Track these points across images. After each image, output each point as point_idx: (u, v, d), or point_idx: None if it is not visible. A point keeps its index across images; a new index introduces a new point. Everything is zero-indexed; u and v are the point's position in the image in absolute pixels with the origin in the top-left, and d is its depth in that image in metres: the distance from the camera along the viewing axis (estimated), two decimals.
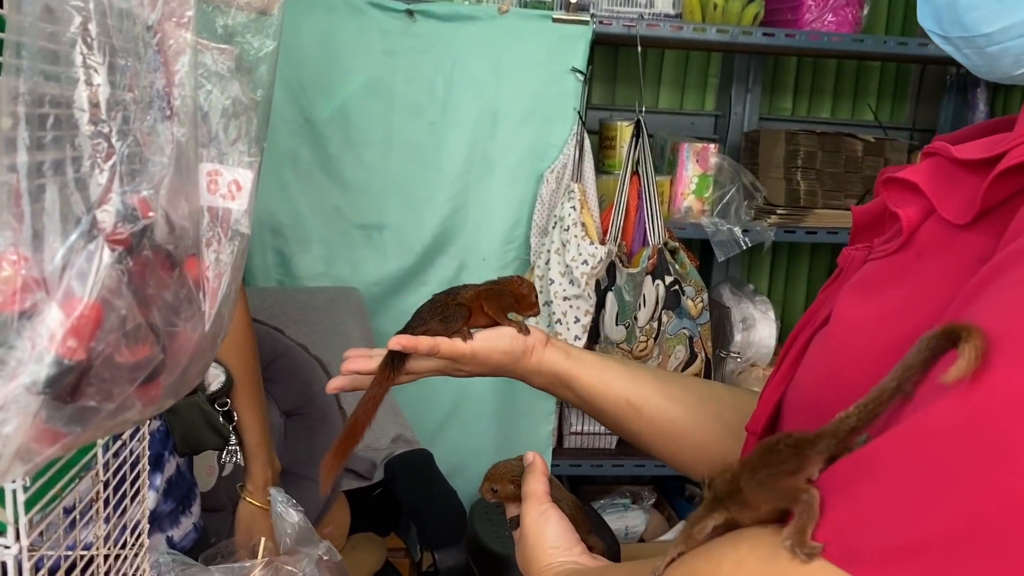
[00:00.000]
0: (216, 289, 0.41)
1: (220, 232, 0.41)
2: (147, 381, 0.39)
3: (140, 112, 0.37)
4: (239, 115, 0.43)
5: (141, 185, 0.36)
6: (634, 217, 2.28)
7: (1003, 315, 0.42)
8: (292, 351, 1.90)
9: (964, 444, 0.39)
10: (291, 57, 2.07)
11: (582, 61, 2.20)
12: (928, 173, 0.57)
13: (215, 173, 0.42)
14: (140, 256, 0.38)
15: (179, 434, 1.24)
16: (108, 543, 0.60)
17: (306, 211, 2.17)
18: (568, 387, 0.90)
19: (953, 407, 0.41)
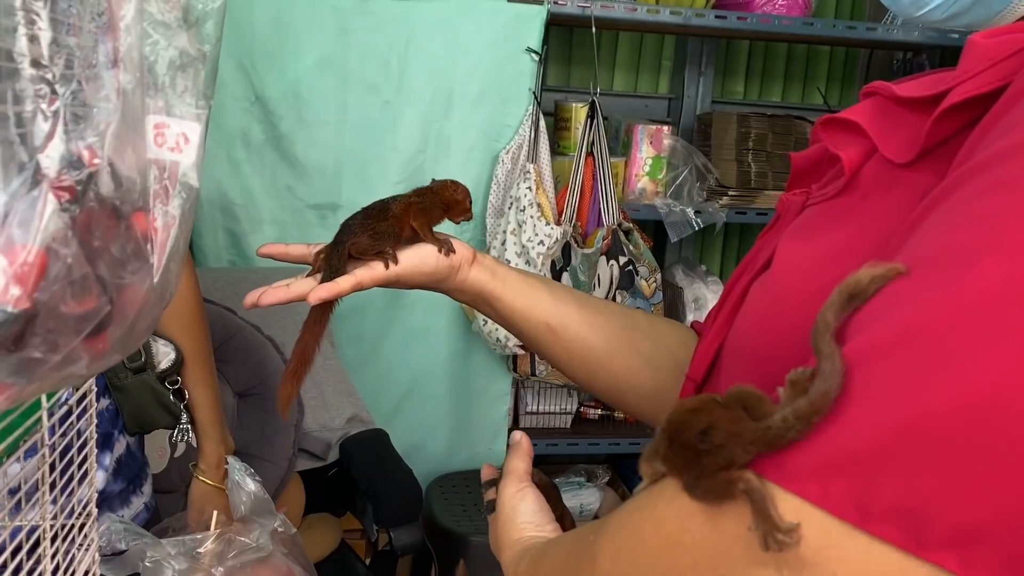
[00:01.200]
0: (164, 242, 0.41)
1: (168, 185, 0.41)
2: (94, 333, 0.38)
3: (84, 58, 0.36)
4: (186, 67, 0.42)
5: (86, 132, 0.36)
6: (589, 198, 2.30)
7: (958, 228, 0.41)
8: (245, 331, 1.88)
9: (909, 357, 0.39)
10: (242, 34, 2.04)
11: (537, 41, 2.20)
12: (869, 113, 0.57)
13: (162, 125, 0.41)
14: (86, 206, 0.38)
15: (129, 413, 1.22)
16: (54, 512, 0.59)
17: (258, 190, 2.14)
18: (490, 306, 0.89)
19: (895, 326, 0.40)
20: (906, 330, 0.40)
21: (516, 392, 2.46)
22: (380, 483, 1.77)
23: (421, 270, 0.86)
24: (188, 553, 0.84)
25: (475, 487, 2.31)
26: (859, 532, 0.39)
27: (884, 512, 0.38)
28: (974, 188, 0.42)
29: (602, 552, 0.52)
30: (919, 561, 0.38)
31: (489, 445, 2.40)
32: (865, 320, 0.42)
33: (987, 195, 0.41)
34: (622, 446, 2.45)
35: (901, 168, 0.53)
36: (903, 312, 0.40)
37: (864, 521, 0.39)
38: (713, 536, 0.44)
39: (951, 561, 0.37)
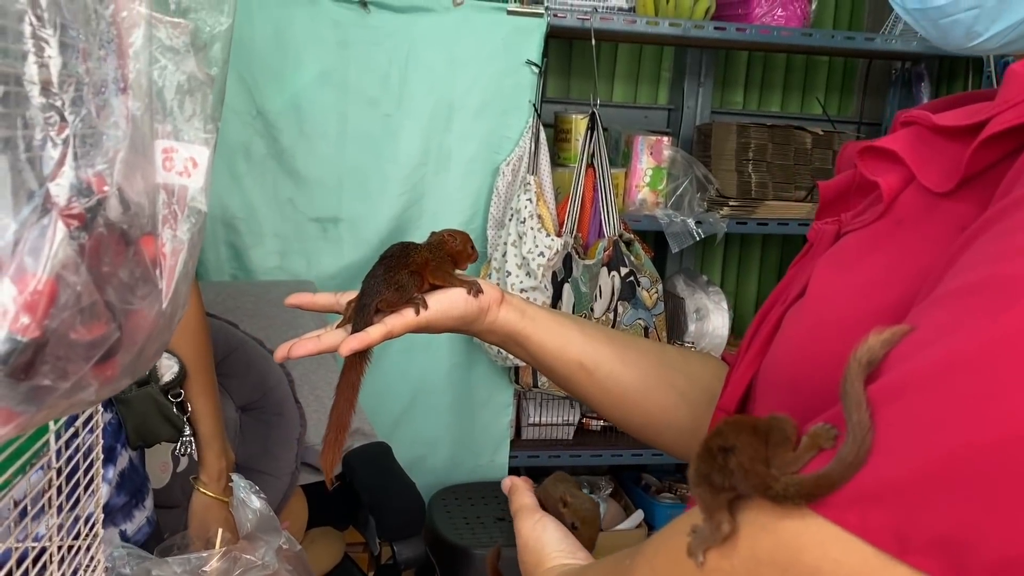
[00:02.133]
0: (173, 267, 0.41)
1: (176, 209, 0.41)
2: (103, 360, 0.38)
3: (94, 85, 0.36)
4: (194, 91, 0.42)
5: (95, 160, 0.36)
6: (590, 209, 2.30)
7: (1001, 259, 0.41)
8: (247, 345, 1.88)
9: (951, 388, 0.39)
10: (243, 48, 2.04)
11: (537, 54, 2.21)
12: (907, 141, 0.57)
13: (171, 150, 0.41)
14: (95, 233, 0.38)
15: (132, 426, 1.21)
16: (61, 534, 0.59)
17: (260, 204, 2.14)
18: (521, 346, 0.89)
19: (939, 356, 0.40)
20: (949, 361, 0.40)
21: (518, 404, 2.46)
22: (383, 497, 1.77)
23: (450, 314, 0.86)
24: (193, 572, 0.84)
25: (477, 500, 2.30)
26: (899, 563, 0.39)
27: (925, 544, 0.38)
28: (1018, 220, 0.42)
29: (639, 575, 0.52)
30: None
31: (491, 457, 2.39)
32: (908, 350, 0.42)
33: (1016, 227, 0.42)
34: (624, 457, 2.45)
35: (939, 197, 0.53)
36: (946, 343, 0.40)
37: (904, 552, 0.38)
38: (742, 563, 0.44)
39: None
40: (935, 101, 0.65)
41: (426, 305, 0.84)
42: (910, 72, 2.72)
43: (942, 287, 0.43)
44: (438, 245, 0.89)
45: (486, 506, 2.26)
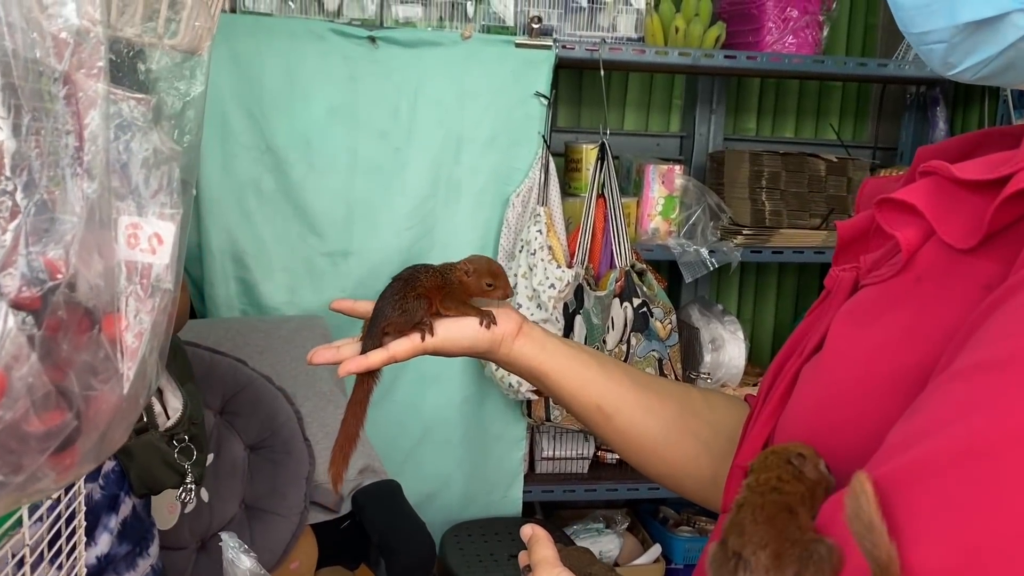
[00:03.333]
0: (136, 349, 0.39)
1: (140, 289, 0.40)
2: (61, 449, 0.37)
3: (47, 168, 0.35)
4: (160, 165, 0.41)
5: (49, 245, 0.35)
6: (601, 240, 2.28)
7: (1022, 335, 0.40)
8: (256, 383, 1.87)
9: (975, 473, 0.38)
10: (252, 83, 2.05)
11: (545, 85, 2.20)
12: (927, 194, 0.55)
13: (135, 226, 0.40)
14: (53, 317, 0.36)
15: (135, 476, 1.20)
16: None
17: (269, 239, 2.14)
18: (540, 382, 0.88)
19: (961, 437, 0.40)
20: (970, 444, 0.39)
21: (531, 437, 2.43)
22: (393, 537, 1.74)
23: (459, 343, 0.85)
24: None
25: (491, 536, 2.27)
26: None
27: None
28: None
29: None
30: None
31: (504, 493, 2.36)
32: (931, 428, 0.41)
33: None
34: (641, 491, 2.41)
35: (962, 253, 0.51)
36: (968, 423, 0.39)
37: None
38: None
39: None
40: (952, 140, 0.63)
41: (432, 332, 0.84)
42: (925, 96, 2.69)
43: (963, 358, 0.42)
44: (452, 274, 0.87)
45: (499, 543, 2.23)
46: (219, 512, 1.73)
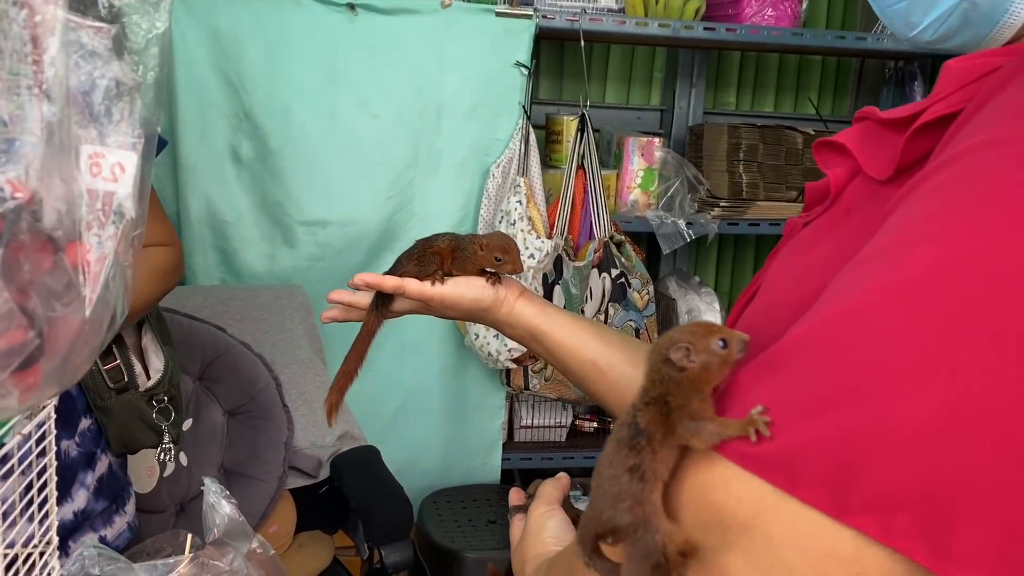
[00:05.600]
0: (98, 274, 0.40)
1: (102, 215, 0.41)
2: (23, 367, 0.38)
3: (6, 89, 0.36)
4: (122, 96, 0.42)
5: (8, 165, 0.35)
6: (580, 211, 2.30)
7: (902, 226, 0.45)
8: (235, 349, 1.88)
9: (848, 336, 0.42)
10: (230, 51, 2.04)
11: (526, 55, 2.21)
12: (857, 135, 0.60)
13: (97, 155, 0.41)
14: (15, 240, 0.37)
15: (113, 434, 1.21)
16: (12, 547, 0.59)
17: (248, 208, 2.14)
18: (538, 341, 0.94)
19: (840, 309, 0.44)
20: (837, 314, 0.44)
21: (511, 406, 2.45)
22: (371, 501, 1.76)
23: (465, 295, 0.93)
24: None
25: (469, 503, 2.30)
26: (791, 498, 0.42)
27: (812, 480, 0.41)
28: (921, 192, 0.46)
29: None
30: (842, 525, 0.40)
31: (484, 460, 2.39)
32: (820, 305, 0.46)
33: (930, 196, 0.45)
34: None
35: (880, 184, 0.56)
36: (846, 299, 0.44)
37: (795, 488, 0.41)
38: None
39: (871, 526, 0.40)
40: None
41: (443, 281, 0.93)
42: (903, 71, 2.71)
43: (860, 254, 0.46)
44: (469, 246, 0.95)
45: (478, 509, 2.26)
46: (198, 476, 1.74)
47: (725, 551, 0.44)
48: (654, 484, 0.47)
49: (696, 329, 0.50)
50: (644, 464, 0.47)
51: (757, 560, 0.43)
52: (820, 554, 0.41)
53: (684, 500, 0.47)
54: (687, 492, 0.47)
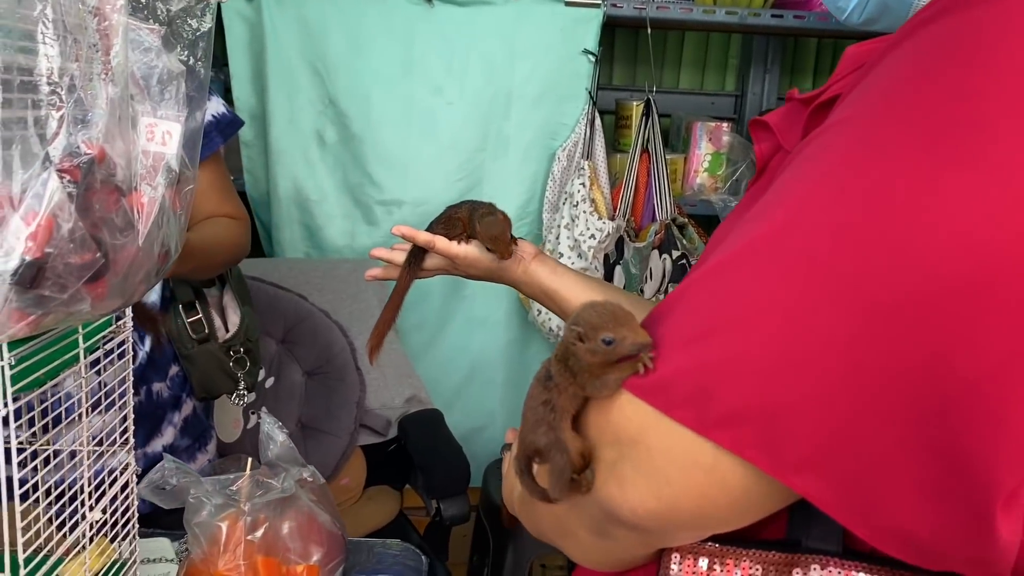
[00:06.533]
0: (149, 214, 0.54)
1: (153, 171, 0.54)
2: (93, 280, 0.52)
3: (83, 76, 0.49)
4: (171, 81, 0.55)
5: (83, 129, 0.49)
6: (643, 194, 2.37)
7: (773, 191, 0.53)
8: (315, 316, 2.05)
9: (713, 282, 0.51)
10: (316, 41, 2.21)
11: (593, 43, 2.29)
12: (780, 114, 0.67)
13: (151, 125, 0.54)
14: (90, 185, 0.51)
15: (196, 380, 1.38)
16: (93, 441, 0.73)
17: (331, 188, 2.31)
18: (550, 298, 1.06)
19: (712, 261, 0.52)
20: (713, 264, 0.53)
21: None
22: (432, 458, 1.90)
23: (484, 255, 1.08)
24: (224, 491, 0.98)
25: None
26: (665, 417, 0.50)
27: (680, 401, 0.50)
28: (791, 163, 0.54)
29: None
30: (703, 439, 0.49)
31: None
32: (703, 260, 0.55)
33: (791, 167, 0.53)
34: None
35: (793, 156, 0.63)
36: (721, 253, 0.53)
37: (668, 408, 0.50)
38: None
39: (724, 439, 0.48)
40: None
41: (468, 241, 1.08)
42: None
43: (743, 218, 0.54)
44: (477, 217, 1.09)
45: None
46: None
47: (621, 462, 0.53)
48: (563, 415, 0.57)
49: (601, 319, 0.57)
50: (554, 400, 0.58)
51: (642, 468, 0.52)
52: (688, 463, 0.50)
53: (591, 421, 0.56)
54: (593, 415, 0.56)
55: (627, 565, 0.65)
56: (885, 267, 0.46)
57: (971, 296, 0.44)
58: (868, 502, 0.48)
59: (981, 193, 0.45)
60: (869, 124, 0.49)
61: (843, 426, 0.47)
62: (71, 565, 0.70)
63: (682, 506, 0.52)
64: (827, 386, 0.47)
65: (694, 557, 0.59)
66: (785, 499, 0.53)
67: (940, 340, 0.45)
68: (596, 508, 0.57)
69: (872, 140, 0.49)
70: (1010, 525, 0.47)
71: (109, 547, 0.76)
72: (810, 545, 0.57)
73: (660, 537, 0.58)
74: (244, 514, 0.95)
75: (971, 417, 0.45)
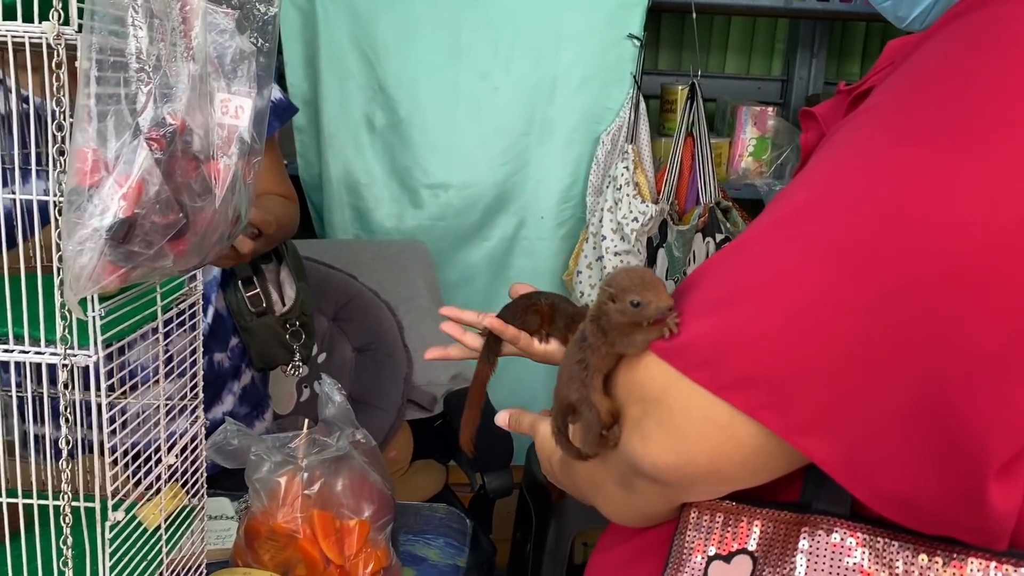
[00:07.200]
0: (224, 181, 0.59)
1: (228, 141, 0.60)
2: (176, 238, 0.58)
3: (167, 55, 0.55)
4: (244, 60, 0.61)
5: (167, 103, 0.55)
6: (688, 177, 2.39)
7: (803, 172, 0.56)
8: (364, 295, 2.12)
9: (737, 257, 0.55)
10: (366, 27, 2.28)
11: (639, 28, 2.32)
12: (827, 106, 0.70)
13: (225, 100, 0.60)
14: (173, 153, 0.57)
15: (254, 351, 1.45)
16: (168, 392, 0.80)
17: (380, 171, 2.38)
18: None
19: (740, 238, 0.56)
20: (739, 240, 0.57)
21: None
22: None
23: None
24: (282, 448, 1.05)
25: None
26: (685, 377, 0.54)
27: (699, 364, 0.53)
28: (819, 149, 0.58)
29: None
30: (719, 399, 0.53)
31: None
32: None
33: (821, 152, 0.57)
34: None
35: None
36: (748, 231, 0.57)
37: (687, 370, 0.54)
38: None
39: (738, 400, 0.52)
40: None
41: (547, 340, 0.99)
42: None
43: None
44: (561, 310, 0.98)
45: None
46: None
47: (645, 418, 0.57)
48: (595, 373, 0.62)
49: (631, 282, 0.60)
50: (588, 359, 0.62)
51: (663, 424, 0.56)
52: (704, 421, 0.53)
53: (620, 380, 0.60)
54: (622, 374, 0.60)
55: (651, 519, 0.69)
56: (896, 247, 0.49)
57: (975, 279, 0.48)
58: (870, 467, 0.52)
59: (987, 179, 0.48)
60: (890, 113, 0.53)
61: (849, 394, 0.51)
62: (147, 507, 0.77)
63: (698, 461, 0.55)
64: (835, 355, 0.50)
65: (711, 513, 0.63)
66: (795, 461, 0.56)
67: (945, 319, 0.48)
68: (622, 462, 0.61)
69: (891, 128, 0.52)
70: (1005, 495, 0.50)
71: (181, 492, 0.83)
72: (819, 507, 0.60)
73: (679, 491, 0.62)
74: (301, 470, 1.02)
75: (969, 393, 0.49)
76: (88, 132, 0.54)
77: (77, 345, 0.62)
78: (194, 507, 0.87)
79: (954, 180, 0.48)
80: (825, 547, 0.58)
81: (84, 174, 0.54)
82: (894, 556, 0.56)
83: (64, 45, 0.56)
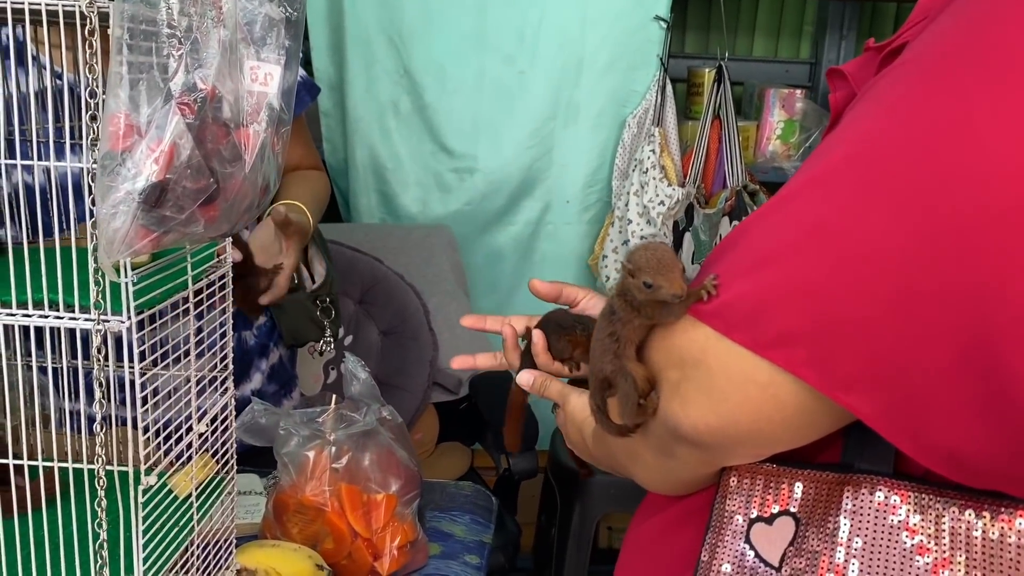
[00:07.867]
0: (254, 147, 0.60)
1: (257, 109, 0.60)
2: (206, 203, 0.58)
3: (199, 22, 0.56)
4: (272, 27, 0.61)
5: (199, 69, 0.55)
6: (714, 161, 2.37)
7: (838, 130, 0.55)
8: (390, 278, 2.13)
9: (776, 215, 0.55)
10: (392, 11, 2.28)
11: (665, 10, 2.30)
12: (856, 64, 0.68)
13: (255, 67, 0.60)
14: (204, 119, 0.57)
15: (285, 328, 1.47)
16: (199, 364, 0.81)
17: (405, 156, 2.38)
18: None
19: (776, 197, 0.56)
20: (775, 199, 0.56)
21: None
22: (501, 414, 1.96)
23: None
24: (311, 423, 1.06)
25: None
26: (724, 338, 0.54)
27: (738, 324, 0.54)
28: (854, 106, 0.57)
29: None
30: (759, 357, 0.53)
31: None
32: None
33: (856, 108, 0.56)
34: None
35: None
36: (784, 190, 0.56)
37: (727, 330, 0.54)
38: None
39: (778, 358, 0.52)
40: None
41: (578, 368, 0.90)
42: None
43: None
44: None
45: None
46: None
47: (684, 382, 0.57)
48: (627, 344, 0.62)
49: (647, 263, 0.60)
50: (618, 331, 0.62)
51: (703, 387, 0.56)
52: (744, 381, 0.54)
53: (656, 346, 0.60)
54: (658, 340, 0.60)
55: (690, 486, 0.69)
56: (936, 196, 0.48)
57: (1019, 226, 0.47)
58: (916, 420, 0.51)
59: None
60: (930, 63, 0.52)
61: (893, 347, 0.50)
62: (178, 475, 0.79)
63: (739, 422, 0.55)
64: (878, 308, 0.50)
65: (752, 476, 0.63)
66: (837, 419, 0.56)
67: (989, 268, 0.47)
68: (662, 428, 0.61)
69: (931, 80, 0.51)
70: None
71: (211, 461, 0.84)
72: (862, 467, 0.60)
73: (720, 454, 0.62)
74: (329, 444, 1.03)
75: (1017, 342, 0.48)
76: (120, 98, 0.55)
77: (111, 311, 0.62)
78: (224, 479, 0.88)
79: (996, 127, 0.47)
80: (869, 506, 0.57)
81: (117, 138, 0.55)
82: (940, 512, 0.56)
83: (97, 13, 0.56)
